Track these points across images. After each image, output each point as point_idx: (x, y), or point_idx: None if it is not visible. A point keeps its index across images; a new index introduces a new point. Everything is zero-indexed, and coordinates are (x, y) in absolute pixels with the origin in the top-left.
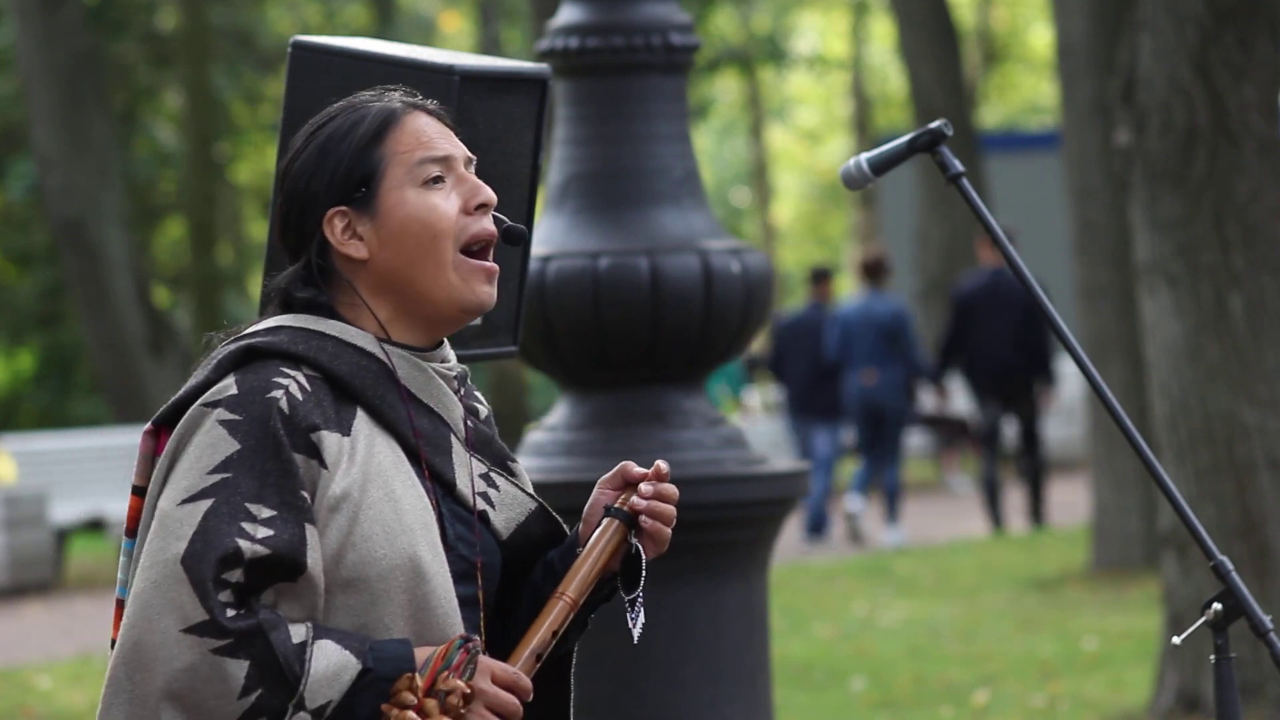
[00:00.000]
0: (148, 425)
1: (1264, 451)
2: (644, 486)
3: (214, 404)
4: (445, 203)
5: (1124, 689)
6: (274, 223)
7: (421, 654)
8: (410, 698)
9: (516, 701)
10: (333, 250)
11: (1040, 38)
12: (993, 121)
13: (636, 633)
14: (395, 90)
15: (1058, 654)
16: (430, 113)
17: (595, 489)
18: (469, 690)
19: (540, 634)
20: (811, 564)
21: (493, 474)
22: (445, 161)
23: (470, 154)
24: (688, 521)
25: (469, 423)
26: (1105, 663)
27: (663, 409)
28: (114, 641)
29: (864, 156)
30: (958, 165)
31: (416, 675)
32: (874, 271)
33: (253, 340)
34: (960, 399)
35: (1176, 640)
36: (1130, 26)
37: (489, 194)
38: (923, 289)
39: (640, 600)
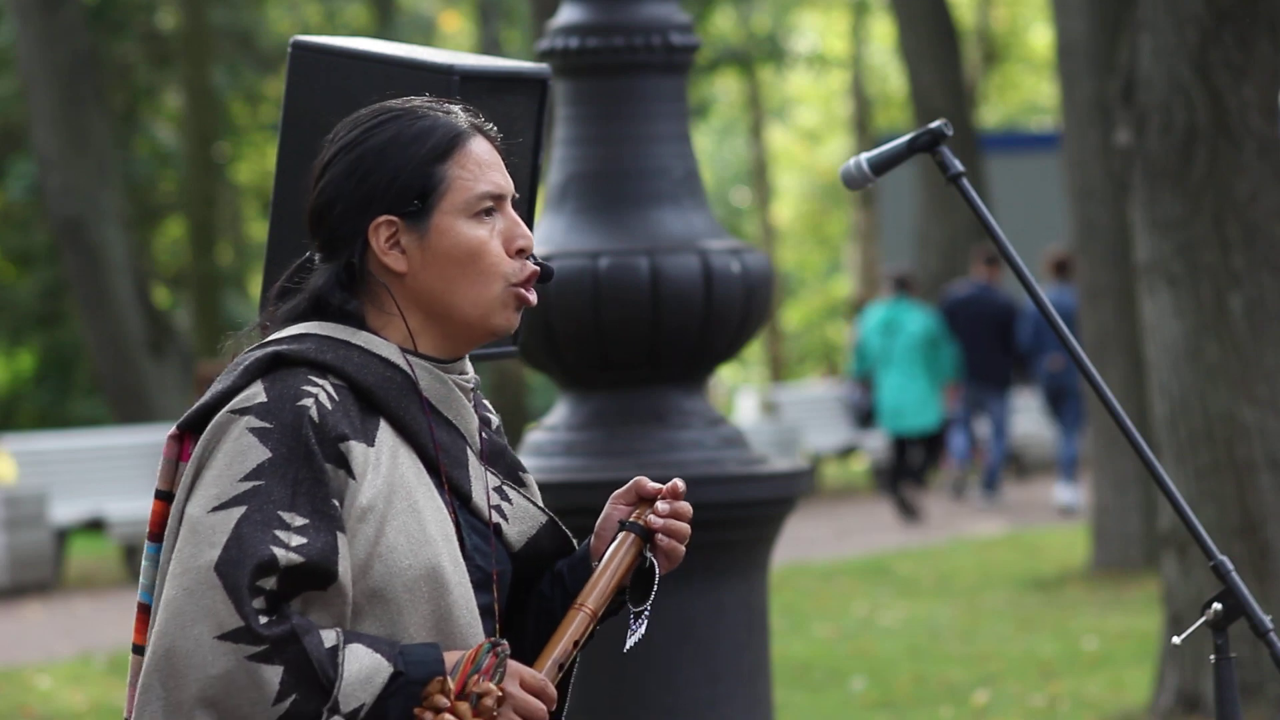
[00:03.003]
0: (172, 429)
1: (1264, 451)
2: (661, 505)
3: (243, 411)
4: (493, 240)
5: (1124, 689)
6: (288, 214)
7: (451, 658)
8: (443, 700)
9: (544, 707)
10: (371, 255)
11: (1040, 38)
12: (993, 121)
13: (631, 642)
14: (457, 104)
15: (1058, 654)
16: (490, 138)
17: (608, 503)
18: (501, 693)
19: (563, 644)
20: (811, 564)
21: (505, 487)
22: (499, 198)
23: (515, 190)
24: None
25: (483, 434)
26: (1105, 663)
27: (663, 409)
28: (136, 646)
29: (864, 156)
30: (958, 165)
31: (448, 678)
32: (1062, 268)
33: (280, 347)
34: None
35: (1176, 640)
36: (1130, 26)
37: (529, 238)
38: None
39: (647, 614)
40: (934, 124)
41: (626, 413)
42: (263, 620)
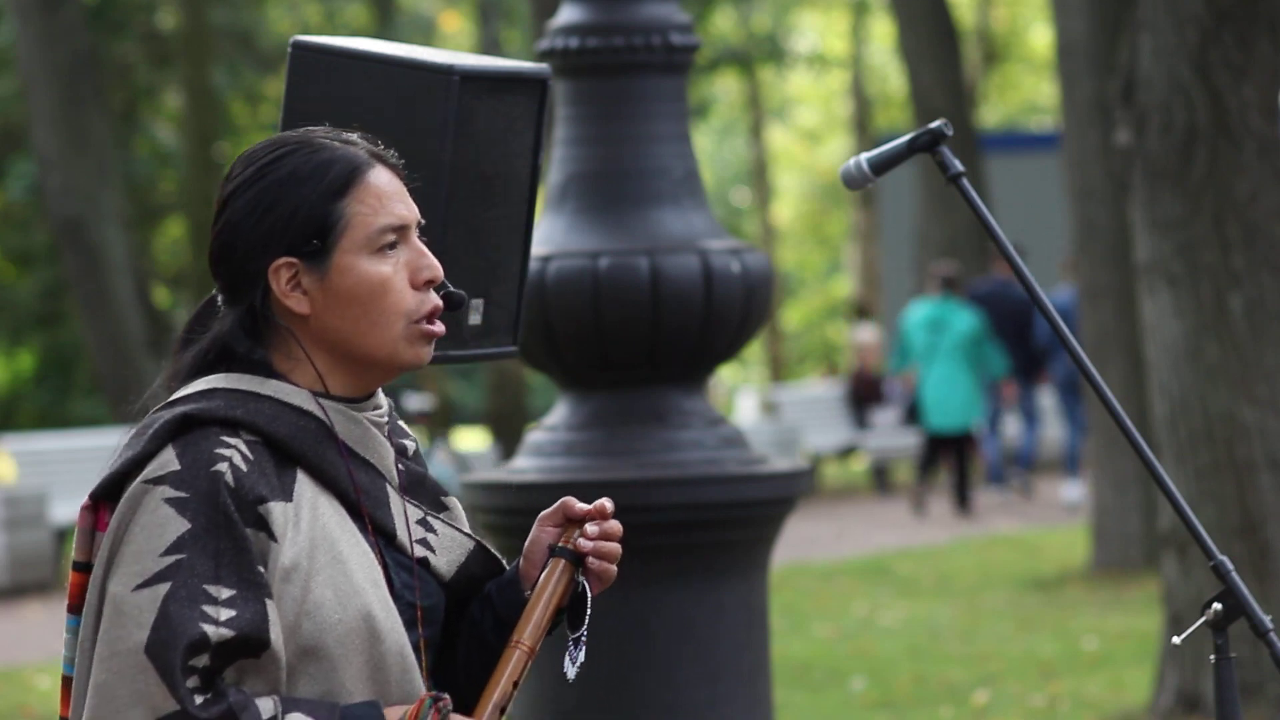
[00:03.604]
0: (85, 500)
1: (1264, 451)
2: (590, 527)
3: (157, 480)
4: (396, 275)
5: (1124, 689)
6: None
7: (392, 715)
8: None
9: None
10: (274, 298)
11: (1040, 38)
12: (993, 121)
13: (573, 671)
14: (353, 134)
15: (1058, 654)
16: (391, 167)
17: (535, 525)
18: None
19: (502, 685)
20: (811, 564)
21: (429, 518)
22: (401, 230)
23: (421, 218)
24: (688, 521)
25: (400, 466)
26: (1105, 663)
27: (663, 409)
28: (63, 719)
29: (864, 156)
30: (958, 165)
31: None
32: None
33: (189, 407)
34: None
35: (1176, 640)
36: (1130, 26)
37: (436, 269)
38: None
39: (584, 639)
40: (934, 124)
41: (626, 413)
42: (198, 701)
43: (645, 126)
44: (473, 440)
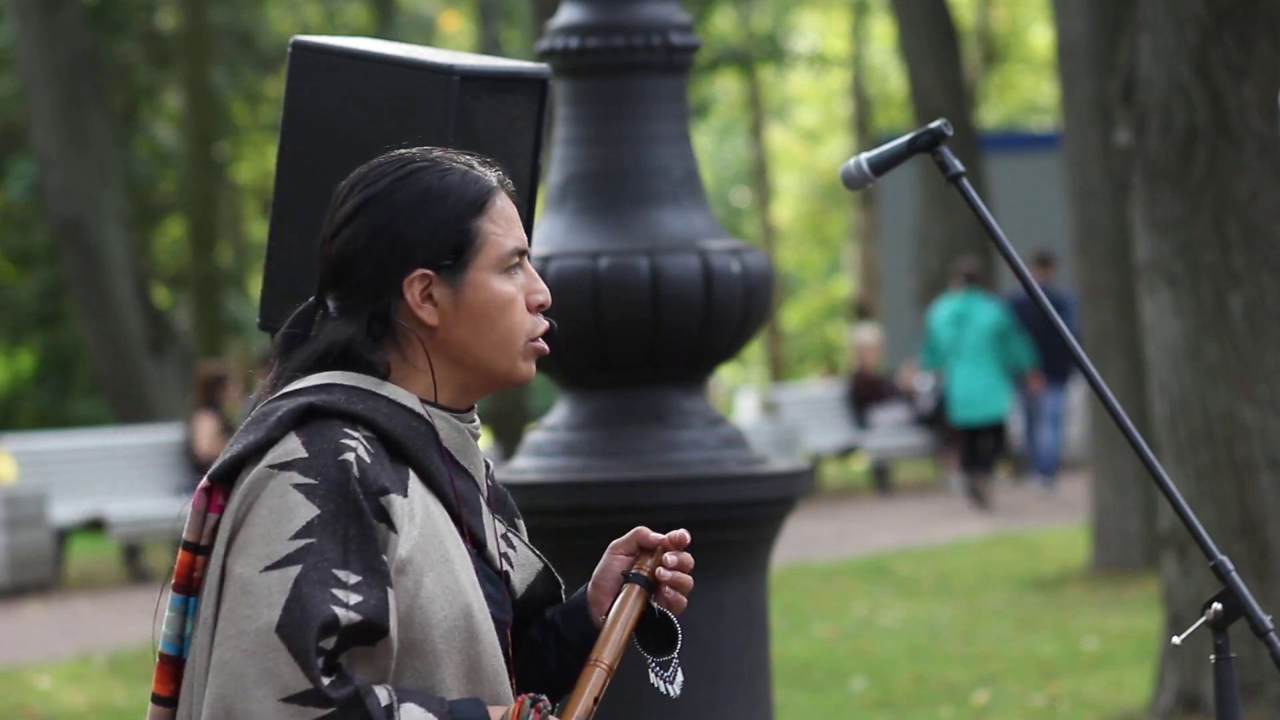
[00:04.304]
0: (203, 481)
1: (1264, 451)
2: (669, 557)
3: (284, 466)
4: (520, 296)
5: (1124, 689)
6: (288, 215)
7: (495, 714)
8: None
9: None
10: (403, 307)
11: (1040, 38)
12: (993, 121)
13: (676, 690)
14: (475, 157)
15: (1058, 654)
16: (511, 194)
17: (607, 553)
18: None
19: (584, 701)
20: (811, 564)
21: (510, 534)
22: (523, 254)
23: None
24: (688, 521)
25: (489, 482)
26: (1105, 663)
27: (663, 409)
28: (155, 696)
29: (864, 156)
30: (958, 165)
31: None
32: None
33: (313, 398)
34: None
35: (1176, 640)
36: (1130, 26)
37: (548, 295)
38: (922, 289)
39: (678, 662)
40: (934, 124)
41: (626, 413)
42: (327, 682)
43: (645, 126)
44: None
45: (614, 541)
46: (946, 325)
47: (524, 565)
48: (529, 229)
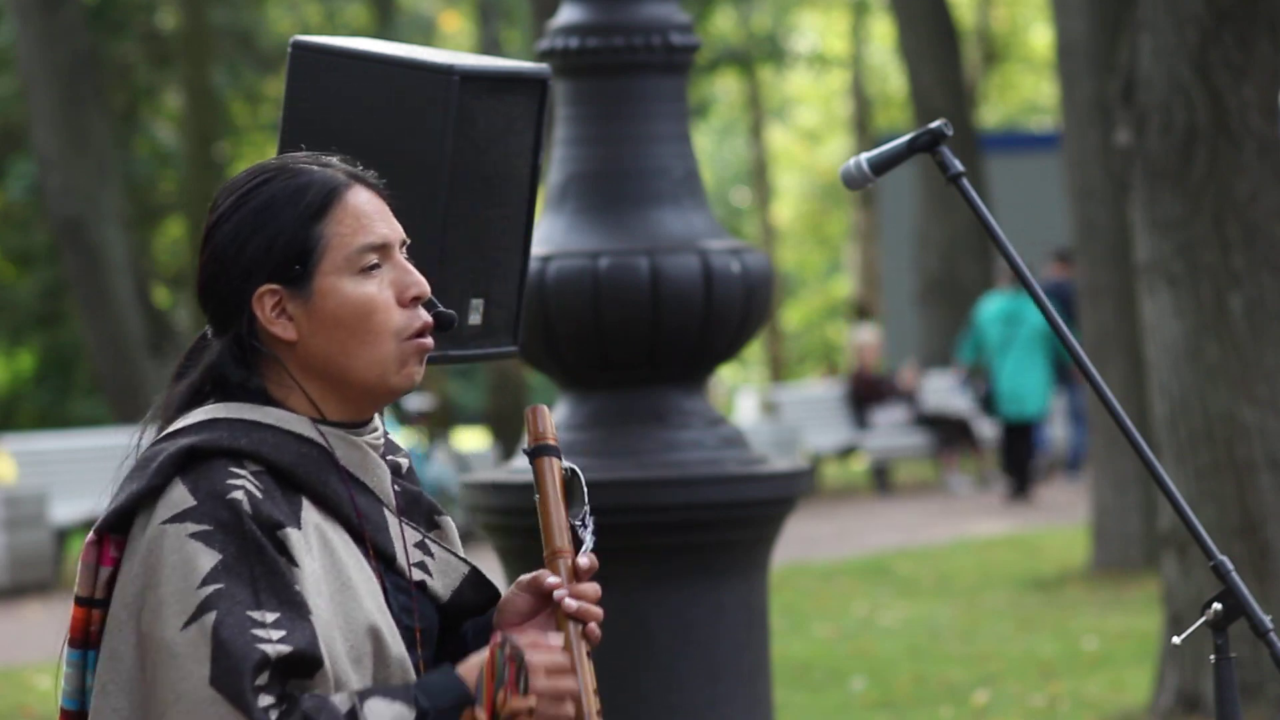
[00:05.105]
0: (89, 536)
1: (1264, 451)
2: (567, 599)
3: (177, 519)
4: (382, 294)
5: (1124, 689)
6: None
7: (468, 674)
8: None
9: (574, 683)
10: (260, 326)
11: (1040, 38)
12: (993, 121)
13: (590, 543)
14: (333, 157)
15: (1058, 654)
16: (370, 187)
17: (513, 587)
18: (533, 704)
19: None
20: (811, 564)
21: (427, 541)
22: (383, 249)
23: (405, 236)
24: (688, 521)
25: (396, 486)
26: (1105, 663)
27: (663, 409)
28: None
29: (864, 156)
30: (958, 165)
31: (477, 709)
32: None
33: (192, 439)
34: (959, 399)
35: (1176, 640)
36: (1130, 26)
37: (423, 285)
38: (922, 289)
39: (590, 512)
40: (934, 124)
41: (626, 413)
42: (274, 716)
43: (645, 126)
44: (473, 440)
45: (520, 578)
46: (995, 322)
47: (446, 570)
48: (529, 229)
